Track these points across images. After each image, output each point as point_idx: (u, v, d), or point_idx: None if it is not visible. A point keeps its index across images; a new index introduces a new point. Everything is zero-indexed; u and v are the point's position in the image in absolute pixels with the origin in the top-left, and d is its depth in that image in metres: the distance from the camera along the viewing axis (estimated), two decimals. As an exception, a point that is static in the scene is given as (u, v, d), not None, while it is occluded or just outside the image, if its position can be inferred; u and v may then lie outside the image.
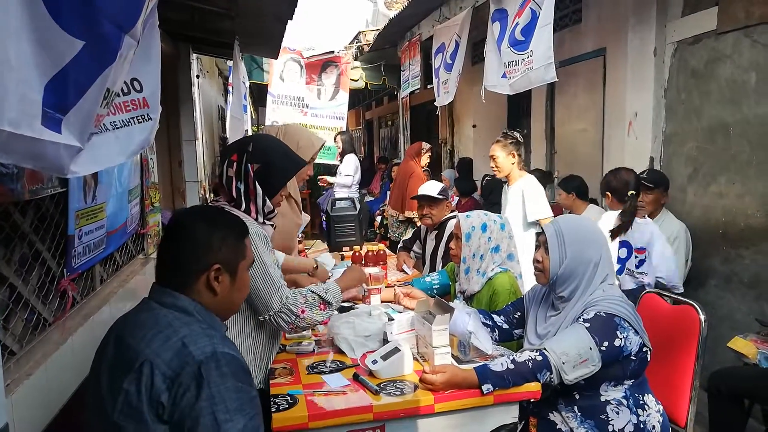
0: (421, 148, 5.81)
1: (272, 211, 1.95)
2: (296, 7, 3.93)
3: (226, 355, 1.22)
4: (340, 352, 2.14)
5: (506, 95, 4.78)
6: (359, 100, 12.88)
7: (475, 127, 7.26)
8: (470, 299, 2.56)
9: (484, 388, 1.78)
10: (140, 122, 1.85)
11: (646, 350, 1.89)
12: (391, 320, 2.20)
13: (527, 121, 6.11)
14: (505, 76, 4.18)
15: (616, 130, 4.31)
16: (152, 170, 3.65)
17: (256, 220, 1.91)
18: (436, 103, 6.11)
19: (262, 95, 9.29)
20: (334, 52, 8.29)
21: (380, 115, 14.48)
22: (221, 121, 9.50)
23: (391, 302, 2.63)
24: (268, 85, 8.06)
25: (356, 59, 8.60)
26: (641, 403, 1.91)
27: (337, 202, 4.40)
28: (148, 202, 3.47)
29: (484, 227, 2.51)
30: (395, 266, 3.65)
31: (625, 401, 1.89)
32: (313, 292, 1.97)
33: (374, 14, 13.63)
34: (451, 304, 2.06)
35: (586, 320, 1.85)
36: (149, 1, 1.35)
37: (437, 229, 3.44)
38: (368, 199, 8.89)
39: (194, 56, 5.41)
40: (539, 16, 3.64)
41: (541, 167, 5.51)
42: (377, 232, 7.69)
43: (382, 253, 3.48)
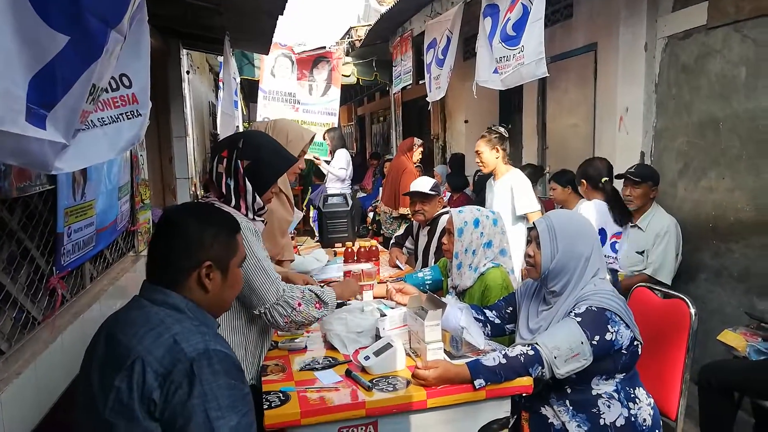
0: (413, 143, 5.82)
1: (262, 207, 1.94)
2: (287, 2, 3.91)
3: (218, 352, 1.21)
4: (332, 348, 2.13)
5: (498, 90, 4.79)
6: (351, 95, 12.86)
7: (467, 122, 7.27)
8: (462, 294, 2.57)
9: (476, 383, 1.79)
10: (129, 118, 1.83)
11: (637, 344, 1.90)
12: (383, 316, 2.19)
13: (519, 116, 6.12)
14: (496, 71, 4.19)
15: (607, 125, 4.33)
16: (142, 167, 3.62)
17: (246, 216, 1.90)
18: (427, 98, 6.11)
19: (253, 91, 9.25)
20: (325, 47, 8.26)
21: (372, 110, 14.46)
22: (212, 117, 9.45)
23: (383, 298, 2.63)
24: (259, 81, 8.03)
25: (348, 55, 8.58)
26: (632, 396, 1.93)
27: (329, 198, 4.39)
28: (138, 199, 3.45)
29: (476, 222, 2.51)
30: (388, 262, 3.65)
31: (616, 395, 1.90)
32: (310, 290, 1.97)
33: (365, 10, 13.60)
34: (443, 299, 2.06)
35: (577, 314, 1.86)
36: None
37: (429, 224, 3.44)
38: (360, 195, 8.88)
39: (184, 52, 5.37)
40: (530, 11, 3.64)
41: (532, 162, 5.52)
42: (369, 228, 7.68)
43: (374, 249, 3.48)
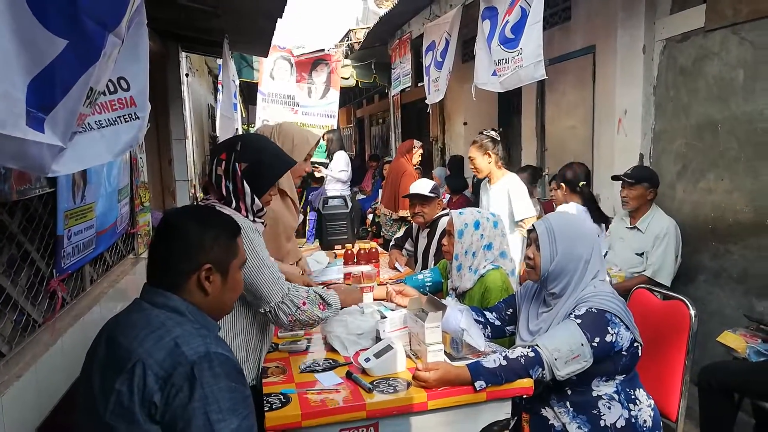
0: (412, 146, 5.82)
1: (261, 209, 1.95)
2: (286, 4, 3.91)
3: (219, 355, 1.21)
4: (333, 350, 2.13)
5: (497, 93, 4.80)
6: (350, 98, 12.87)
7: (466, 124, 7.27)
8: (462, 296, 2.57)
9: (476, 384, 1.79)
10: (127, 121, 1.83)
11: (637, 345, 1.91)
12: (383, 318, 2.19)
13: (518, 118, 6.13)
14: (495, 73, 4.19)
15: (605, 127, 4.34)
16: (142, 169, 3.63)
17: (246, 217, 1.91)
18: (426, 101, 6.12)
19: (252, 93, 9.26)
20: (324, 50, 8.27)
21: (371, 113, 14.47)
22: (211, 119, 9.45)
23: (383, 300, 2.63)
24: (258, 83, 8.03)
25: (347, 57, 8.59)
26: (633, 397, 1.93)
27: (328, 200, 4.40)
28: (138, 201, 3.45)
29: (477, 224, 2.51)
30: (387, 264, 3.65)
31: (616, 396, 1.91)
32: (314, 291, 1.99)
33: (364, 12, 13.61)
34: (443, 301, 2.07)
35: (577, 316, 1.86)
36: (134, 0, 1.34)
37: (429, 227, 3.44)
38: (360, 197, 8.89)
39: (183, 55, 5.37)
40: (529, 14, 3.65)
41: (531, 164, 5.53)
42: (369, 230, 7.69)
43: (374, 251, 3.49)
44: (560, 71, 4.93)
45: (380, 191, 6.81)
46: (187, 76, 5.55)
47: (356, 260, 3.24)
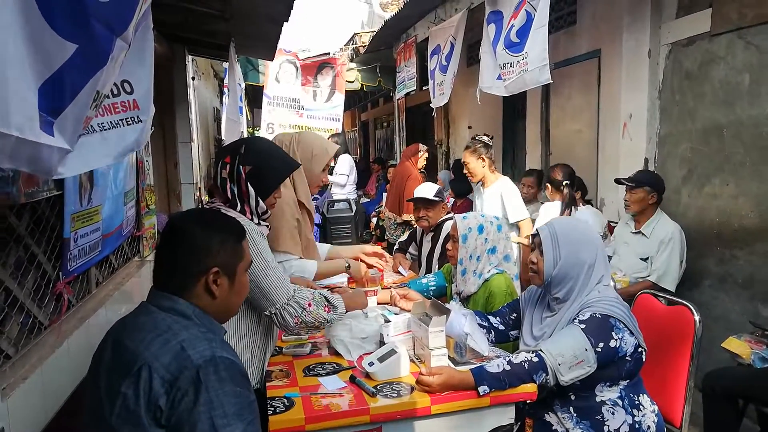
0: (417, 149, 5.82)
1: (266, 212, 1.96)
2: (292, 8, 3.93)
3: (224, 359, 1.22)
4: (336, 354, 2.14)
5: (501, 96, 4.80)
6: (355, 101, 12.89)
7: (470, 128, 7.27)
8: (466, 300, 2.57)
9: (480, 389, 1.79)
10: (130, 124, 1.84)
11: (641, 351, 1.90)
12: (387, 322, 2.20)
13: (522, 122, 6.13)
14: (500, 77, 4.20)
15: (610, 131, 4.33)
16: (148, 172, 3.64)
17: (251, 220, 1.92)
18: (431, 104, 6.12)
19: (257, 97, 9.30)
20: (329, 53, 8.30)
21: (376, 116, 14.48)
22: (217, 122, 9.48)
23: (387, 304, 2.63)
24: (263, 86, 8.06)
25: (352, 61, 8.61)
26: (636, 403, 1.92)
27: (333, 203, 4.41)
28: (143, 204, 3.46)
29: (480, 228, 2.51)
30: (391, 268, 3.66)
31: (620, 402, 1.90)
32: (320, 293, 2.00)
33: (369, 16, 13.64)
34: (447, 305, 2.07)
35: (581, 321, 1.86)
36: (142, 3, 1.35)
37: (433, 230, 3.44)
38: (364, 200, 8.90)
39: (189, 58, 5.40)
40: (534, 18, 3.66)
41: (536, 168, 5.52)
42: (373, 233, 7.68)
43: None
44: (565, 75, 4.92)
45: (384, 195, 6.81)
46: (193, 79, 5.58)
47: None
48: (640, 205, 3.40)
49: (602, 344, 1.81)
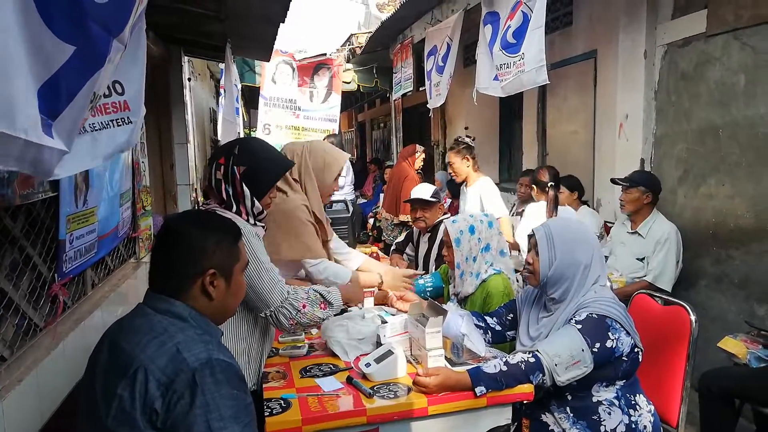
0: (414, 150, 5.81)
1: (261, 212, 1.96)
2: (288, 9, 3.92)
3: (221, 362, 1.21)
4: (333, 355, 2.13)
5: (498, 97, 4.80)
6: (351, 102, 12.89)
7: (467, 129, 7.28)
8: (464, 301, 2.57)
9: (477, 390, 1.79)
10: (120, 125, 1.83)
11: (637, 351, 1.90)
12: (384, 323, 2.20)
13: (519, 123, 6.14)
14: (497, 78, 4.20)
15: (607, 131, 4.34)
16: (144, 173, 3.63)
17: (247, 221, 1.92)
18: (428, 105, 6.12)
19: (254, 97, 9.28)
20: (326, 54, 8.29)
21: (373, 117, 14.49)
22: (213, 123, 9.48)
23: (384, 305, 2.63)
24: (260, 87, 8.05)
25: (348, 62, 8.61)
26: (633, 403, 1.93)
27: (330, 204, 4.40)
28: (139, 205, 3.45)
29: (471, 229, 2.51)
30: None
31: (616, 402, 1.91)
32: (315, 290, 1.99)
33: (366, 17, 13.64)
34: (444, 306, 2.07)
35: (578, 322, 1.86)
36: (138, 5, 1.35)
37: (430, 231, 3.44)
38: (361, 201, 8.89)
39: (186, 59, 5.39)
40: (530, 19, 3.66)
41: (532, 169, 5.53)
42: (370, 234, 7.68)
43: (375, 255, 3.48)
44: (561, 76, 4.93)
45: (381, 195, 6.81)
46: (189, 80, 5.57)
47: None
48: (635, 205, 3.42)
49: (599, 344, 1.81)
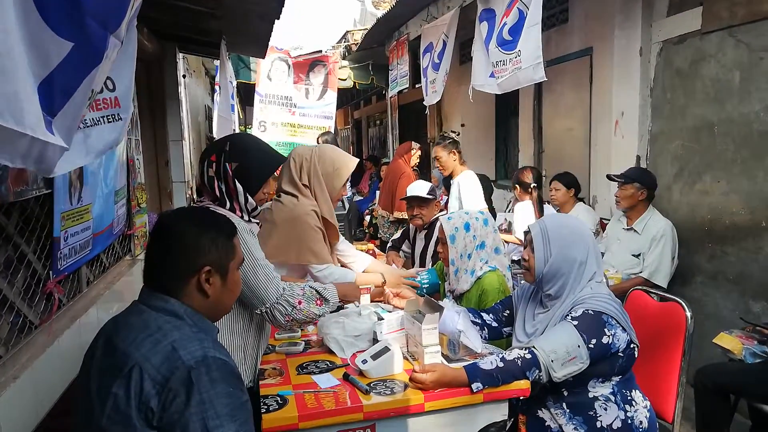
0: (410, 147, 5.81)
1: (255, 208, 1.95)
2: (283, 6, 3.91)
3: (216, 359, 1.20)
4: (330, 352, 2.13)
5: (494, 94, 4.80)
6: (347, 99, 12.88)
7: (463, 126, 7.28)
8: (459, 298, 2.57)
9: (473, 386, 1.79)
10: (110, 121, 1.82)
11: (633, 347, 1.91)
12: (380, 320, 2.19)
13: (515, 119, 6.14)
14: (493, 75, 4.20)
15: (602, 128, 4.35)
16: (138, 171, 3.62)
17: (241, 218, 1.91)
18: (424, 102, 6.12)
19: (249, 95, 9.26)
20: (321, 51, 8.27)
21: (369, 114, 14.48)
22: (208, 120, 9.45)
23: (380, 301, 2.63)
24: (255, 84, 8.03)
25: (344, 58, 8.60)
26: (629, 398, 1.93)
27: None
28: (134, 202, 3.44)
29: (467, 226, 2.51)
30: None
31: (612, 397, 1.91)
32: (311, 287, 1.99)
33: (362, 13, 13.61)
34: (440, 303, 2.07)
35: (574, 318, 1.87)
36: (134, 1, 1.35)
37: (427, 228, 3.44)
38: (357, 198, 8.88)
39: (180, 56, 5.36)
40: (527, 15, 3.66)
41: (529, 166, 5.53)
42: (366, 231, 7.68)
43: (371, 252, 3.48)
44: (557, 73, 4.94)
45: (377, 193, 6.80)
46: (184, 77, 5.55)
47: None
48: (629, 201, 3.44)
49: (595, 340, 1.82)
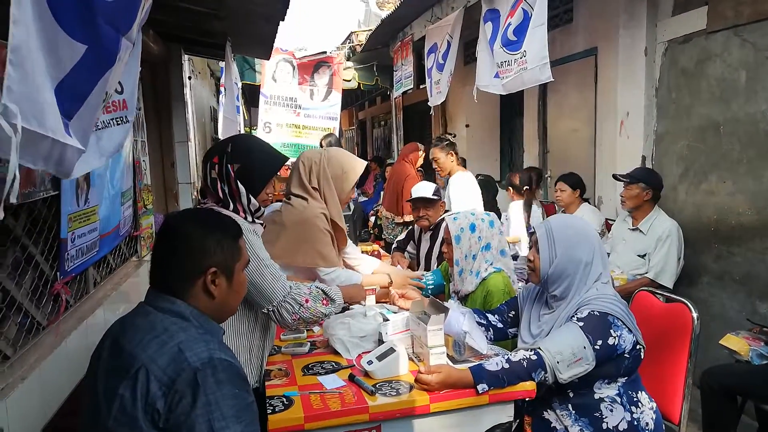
0: (415, 149, 5.81)
1: (258, 209, 1.95)
2: (288, 7, 3.91)
3: (222, 361, 1.21)
4: (335, 353, 2.14)
5: (499, 95, 4.80)
6: (352, 100, 12.87)
7: (468, 126, 7.28)
8: (465, 299, 2.57)
9: (479, 387, 1.79)
10: (119, 123, 1.83)
11: (639, 348, 1.90)
12: (386, 321, 2.20)
13: (520, 120, 6.13)
14: (497, 76, 4.19)
15: (607, 129, 4.34)
16: (145, 172, 3.63)
17: (245, 219, 1.92)
18: (429, 103, 6.12)
19: (254, 96, 9.28)
20: (326, 52, 8.28)
21: (373, 115, 14.47)
22: (214, 122, 9.47)
23: (386, 302, 2.63)
24: (260, 85, 8.05)
25: (349, 59, 8.60)
26: (635, 400, 1.93)
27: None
28: (141, 204, 3.45)
29: (472, 227, 2.51)
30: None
31: (618, 399, 1.91)
32: (317, 287, 2.00)
33: (366, 14, 13.62)
34: (445, 304, 2.07)
35: (579, 319, 1.86)
36: (144, 2, 1.35)
37: (432, 229, 3.44)
38: (362, 199, 8.88)
39: (186, 57, 5.38)
40: (532, 16, 3.65)
41: (533, 166, 5.53)
42: (371, 232, 7.68)
43: (376, 253, 3.49)
44: (562, 73, 4.92)
45: (382, 194, 6.80)
46: (189, 78, 5.56)
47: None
48: (635, 201, 3.43)
49: (601, 342, 1.81)
